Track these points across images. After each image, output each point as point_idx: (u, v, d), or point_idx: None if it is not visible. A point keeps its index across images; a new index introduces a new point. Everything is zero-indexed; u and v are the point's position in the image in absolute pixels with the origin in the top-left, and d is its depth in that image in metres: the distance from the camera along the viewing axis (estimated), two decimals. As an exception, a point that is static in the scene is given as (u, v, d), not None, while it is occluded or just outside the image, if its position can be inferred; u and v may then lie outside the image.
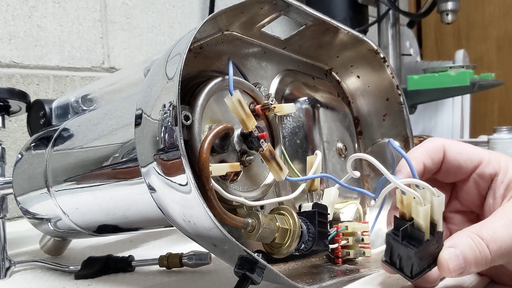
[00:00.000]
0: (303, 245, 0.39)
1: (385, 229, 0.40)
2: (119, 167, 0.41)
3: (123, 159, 0.40)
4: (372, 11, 1.27)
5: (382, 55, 0.54)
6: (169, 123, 0.32)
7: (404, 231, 0.34)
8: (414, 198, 0.34)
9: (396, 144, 0.38)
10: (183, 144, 0.32)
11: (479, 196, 0.38)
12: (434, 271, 0.35)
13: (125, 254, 0.52)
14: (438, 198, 0.33)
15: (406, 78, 1.18)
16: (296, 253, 0.39)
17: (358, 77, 0.57)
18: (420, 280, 0.35)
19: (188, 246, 0.51)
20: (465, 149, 0.38)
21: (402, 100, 0.55)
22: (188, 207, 0.33)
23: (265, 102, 0.40)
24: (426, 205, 0.33)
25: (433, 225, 0.34)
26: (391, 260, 0.35)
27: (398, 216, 0.35)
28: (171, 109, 0.32)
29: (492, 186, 0.37)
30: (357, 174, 0.42)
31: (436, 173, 0.39)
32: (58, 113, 0.60)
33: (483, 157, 0.38)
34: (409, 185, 0.35)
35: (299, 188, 0.41)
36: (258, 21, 0.45)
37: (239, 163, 0.37)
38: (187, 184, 0.32)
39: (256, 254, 0.33)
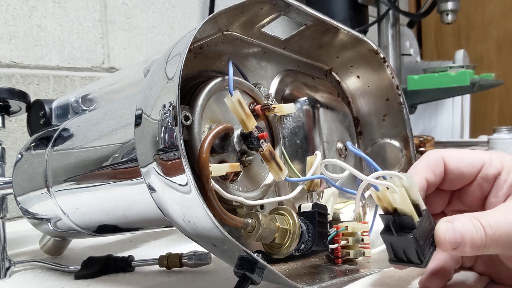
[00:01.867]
0: (303, 245, 0.39)
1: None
2: (119, 167, 0.41)
3: (123, 159, 0.40)
4: (372, 11, 1.27)
5: (382, 55, 0.54)
6: (169, 123, 0.32)
7: (394, 223, 0.34)
8: (388, 189, 0.34)
9: (352, 146, 0.39)
10: (183, 144, 0.32)
11: (482, 197, 0.38)
12: (447, 264, 0.36)
13: (125, 254, 0.52)
14: (408, 179, 0.34)
15: (406, 78, 1.18)
16: (296, 253, 0.39)
17: (358, 77, 0.57)
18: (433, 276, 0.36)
19: (188, 246, 0.51)
20: (464, 155, 0.39)
21: (402, 100, 0.55)
22: (188, 207, 0.33)
23: (265, 102, 0.40)
24: (400, 190, 0.33)
25: (416, 206, 0.34)
26: (397, 257, 0.35)
27: (382, 213, 0.35)
28: (171, 109, 0.32)
29: (495, 185, 0.37)
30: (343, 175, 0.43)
31: (440, 184, 0.39)
32: (58, 113, 0.60)
33: (485, 159, 0.38)
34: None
35: (298, 188, 0.41)
36: (258, 21, 0.45)
37: (239, 163, 0.37)
38: (187, 184, 0.32)
39: (256, 254, 0.33)
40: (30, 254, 0.61)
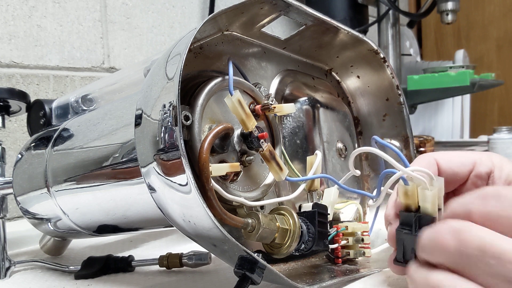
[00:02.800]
0: (303, 245, 0.39)
1: (384, 229, 0.40)
2: (119, 167, 0.41)
3: (123, 159, 0.40)
4: (372, 11, 1.27)
5: (382, 55, 0.54)
6: (169, 123, 0.32)
7: (417, 220, 0.33)
8: (421, 185, 0.34)
9: (380, 139, 0.38)
10: (183, 144, 0.32)
11: None
12: None
13: (125, 254, 0.52)
14: (439, 182, 0.34)
15: (406, 78, 1.18)
16: (296, 253, 0.39)
17: (358, 77, 0.57)
18: None
19: (188, 246, 0.51)
20: (455, 156, 0.39)
21: (402, 100, 0.55)
22: (188, 207, 0.33)
23: (265, 102, 0.40)
24: (432, 188, 0.33)
25: (439, 209, 0.34)
26: (404, 258, 0.34)
27: (401, 210, 0.35)
28: (171, 109, 0.32)
29: (490, 184, 0.37)
30: (358, 172, 0.42)
31: None
32: (58, 113, 0.60)
33: (475, 159, 0.38)
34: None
35: (299, 188, 0.42)
36: (258, 21, 0.45)
37: (239, 163, 0.37)
38: (187, 184, 0.32)
39: (256, 254, 0.33)
40: (30, 254, 0.61)
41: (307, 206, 0.41)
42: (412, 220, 0.34)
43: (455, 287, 0.26)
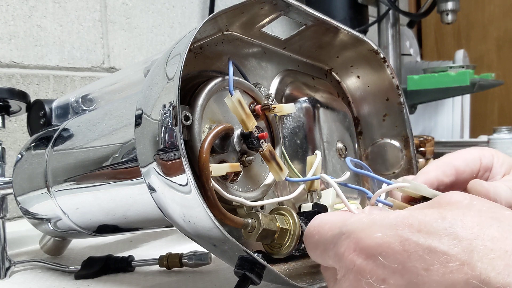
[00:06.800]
0: (303, 245, 0.39)
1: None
2: (119, 167, 0.41)
3: (123, 159, 0.40)
4: (372, 11, 1.27)
5: (382, 55, 0.54)
6: (169, 123, 0.32)
7: None
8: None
9: (351, 162, 0.38)
10: (183, 144, 0.32)
11: None
12: None
13: (125, 254, 0.52)
14: (411, 183, 0.35)
15: (406, 78, 1.18)
16: (296, 253, 0.39)
17: (358, 77, 0.57)
18: None
19: (188, 246, 0.51)
20: (466, 154, 0.41)
21: (402, 100, 0.55)
22: (188, 207, 0.33)
23: (265, 102, 0.40)
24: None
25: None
26: None
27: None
28: (171, 109, 0.32)
29: (492, 171, 0.40)
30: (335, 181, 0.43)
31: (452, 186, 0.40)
32: (58, 113, 0.60)
33: (479, 154, 0.41)
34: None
35: (299, 189, 0.41)
36: (258, 21, 0.45)
37: (239, 163, 0.37)
38: (187, 184, 0.32)
39: (256, 254, 0.33)
40: (30, 254, 0.61)
41: (307, 206, 0.41)
42: None
43: None
